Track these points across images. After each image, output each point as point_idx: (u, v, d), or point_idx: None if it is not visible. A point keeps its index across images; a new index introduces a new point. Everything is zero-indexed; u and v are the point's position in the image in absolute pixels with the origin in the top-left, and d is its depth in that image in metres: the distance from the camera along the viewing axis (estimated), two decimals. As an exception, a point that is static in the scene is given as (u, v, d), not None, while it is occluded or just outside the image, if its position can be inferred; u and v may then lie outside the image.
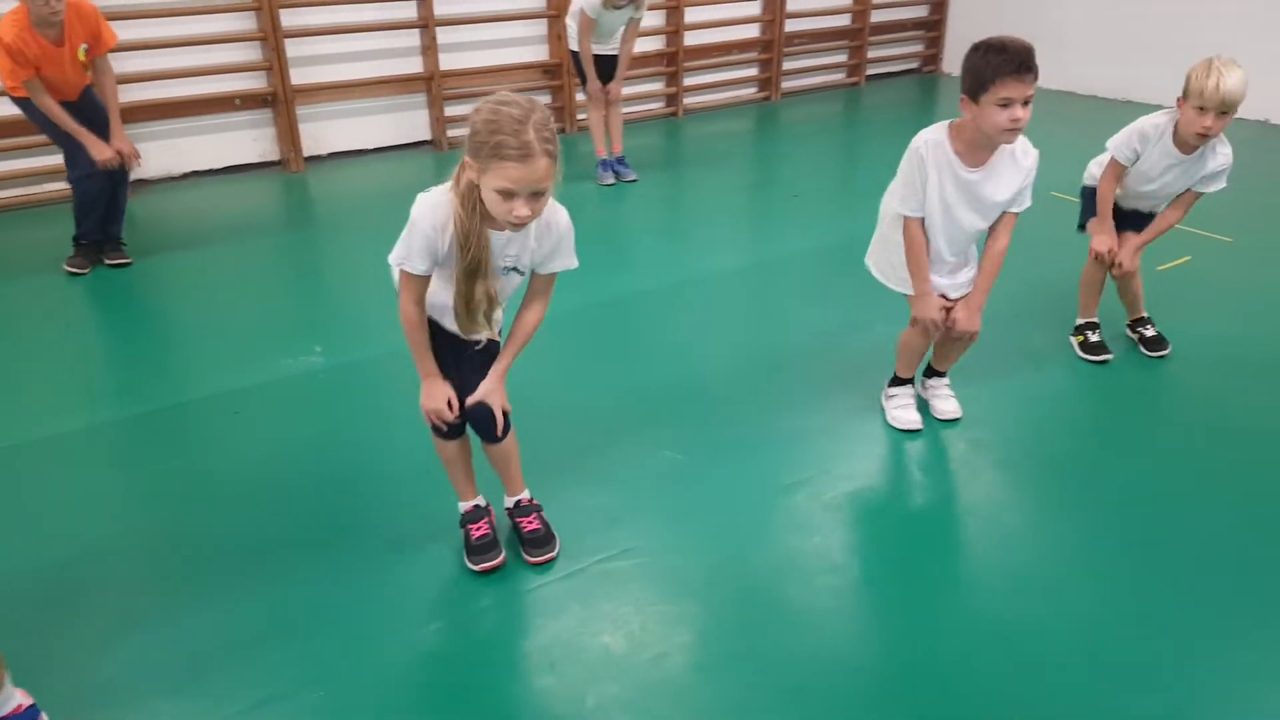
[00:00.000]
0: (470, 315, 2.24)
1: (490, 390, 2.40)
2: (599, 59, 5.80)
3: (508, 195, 2.01)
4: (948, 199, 2.87)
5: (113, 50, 4.62)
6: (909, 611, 2.41)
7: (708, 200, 5.96)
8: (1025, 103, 2.62)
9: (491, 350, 2.43)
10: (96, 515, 2.82)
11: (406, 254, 2.17)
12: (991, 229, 2.96)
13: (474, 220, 2.11)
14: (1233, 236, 4.86)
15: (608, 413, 3.34)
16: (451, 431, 2.48)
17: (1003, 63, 2.58)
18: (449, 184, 2.15)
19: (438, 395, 2.36)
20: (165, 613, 2.40)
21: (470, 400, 2.40)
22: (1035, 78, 2.62)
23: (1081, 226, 3.72)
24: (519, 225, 2.10)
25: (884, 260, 3.11)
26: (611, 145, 6.12)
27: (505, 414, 2.43)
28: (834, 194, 5.98)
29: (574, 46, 5.82)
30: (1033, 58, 2.60)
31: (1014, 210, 2.92)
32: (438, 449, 2.55)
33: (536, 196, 2.04)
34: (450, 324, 2.33)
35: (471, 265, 2.16)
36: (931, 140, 2.84)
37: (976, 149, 2.81)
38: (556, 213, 2.26)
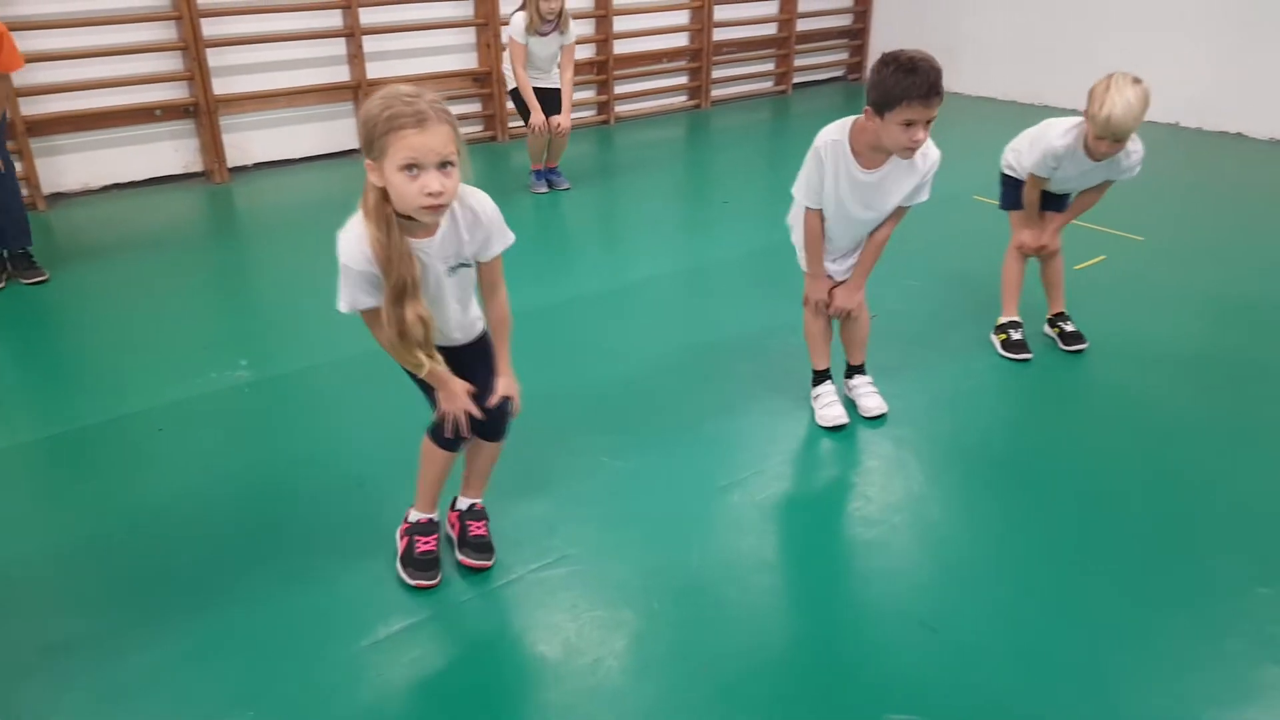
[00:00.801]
0: (406, 344, 2.12)
1: (512, 386, 2.38)
2: (541, 92, 5.77)
3: (414, 171, 1.90)
4: (843, 196, 3.01)
5: (28, 62, 4.45)
6: (838, 606, 2.47)
7: (641, 207, 6.00)
8: (927, 123, 2.71)
9: (476, 348, 2.38)
10: (13, 538, 2.73)
11: (352, 298, 2.09)
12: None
13: (391, 235, 2.01)
14: (1145, 236, 5.06)
15: (543, 419, 3.34)
16: (459, 441, 2.40)
17: (911, 85, 2.64)
18: (359, 211, 2.07)
19: (460, 395, 2.28)
20: (86, 638, 2.33)
21: (493, 400, 2.35)
22: (941, 100, 2.70)
23: (1004, 207, 3.88)
24: (437, 208, 1.97)
25: (796, 239, 3.26)
26: (547, 159, 6.12)
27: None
28: (763, 199, 6.06)
29: (511, 85, 5.79)
30: (940, 80, 2.68)
31: (906, 205, 3.05)
32: (425, 458, 2.48)
33: (445, 169, 1.94)
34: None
35: (398, 286, 2.05)
36: (831, 140, 2.95)
37: (874, 153, 2.91)
38: (477, 198, 2.17)
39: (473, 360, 2.38)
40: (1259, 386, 3.57)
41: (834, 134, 2.95)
